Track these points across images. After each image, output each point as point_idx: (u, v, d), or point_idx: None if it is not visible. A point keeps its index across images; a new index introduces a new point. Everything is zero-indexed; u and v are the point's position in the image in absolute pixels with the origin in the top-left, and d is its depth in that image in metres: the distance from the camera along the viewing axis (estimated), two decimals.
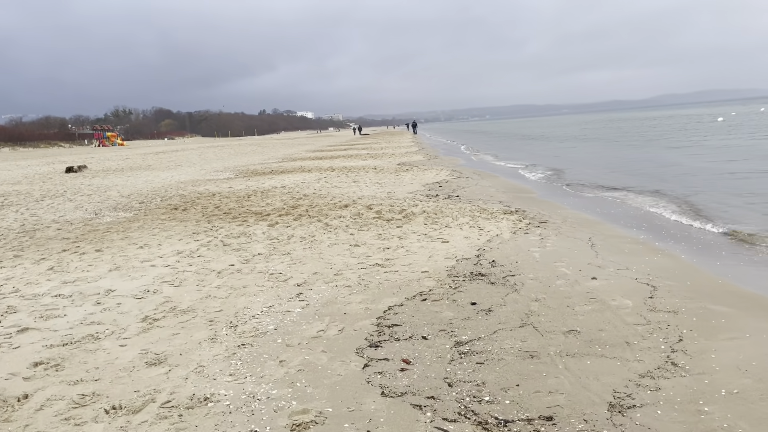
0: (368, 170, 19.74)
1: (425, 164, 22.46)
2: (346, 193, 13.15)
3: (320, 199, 12.12)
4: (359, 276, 6.16)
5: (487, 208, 10.16)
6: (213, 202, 12.36)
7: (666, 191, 12.62)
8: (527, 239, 7.66)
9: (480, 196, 12.40)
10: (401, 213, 9.78)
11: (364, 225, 8.85)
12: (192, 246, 7.78)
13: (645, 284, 5.55)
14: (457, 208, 10.27)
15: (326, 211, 10.28)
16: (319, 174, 18.94)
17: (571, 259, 6.54)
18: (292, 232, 8.53)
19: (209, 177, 20.61)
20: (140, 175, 23.32)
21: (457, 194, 12.80)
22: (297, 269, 6.49)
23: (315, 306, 5.24)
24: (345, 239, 7.96)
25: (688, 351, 4.01)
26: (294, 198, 12.34)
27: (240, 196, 13.39)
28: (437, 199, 11.95)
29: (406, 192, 13.49)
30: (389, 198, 12.16)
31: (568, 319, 4.70)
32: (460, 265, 6.47)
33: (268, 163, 27.41)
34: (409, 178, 16.59)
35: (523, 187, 14.58)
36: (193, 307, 5.26)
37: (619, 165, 19.62)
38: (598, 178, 15.92)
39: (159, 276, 6.33)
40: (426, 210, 10.03)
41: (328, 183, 15.78)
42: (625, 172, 17.12)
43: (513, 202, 11.36)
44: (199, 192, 14.90)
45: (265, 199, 12.36)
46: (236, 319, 4.94)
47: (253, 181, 17.30)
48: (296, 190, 14.13)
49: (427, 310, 5.09)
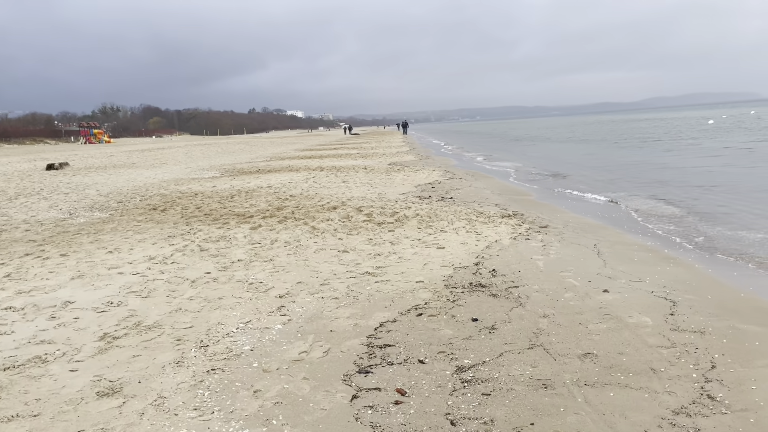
0: (358, 170, 19.16)
1: (417, 164, 21.93)
2: (335, 194, 12.58)
3: (307, 200, 11.52)
4: (348, 286, 5.61)
5: (483, 212, 9.63)
6: (194, 203, 11.73)
7: (667, 194, 12.17)
8: (529, 246, 7.13)
9: (475, 198, 11.88)
10: (393, 216, 9.21)
11: (354, 229, 8.27)
12: (166, 251, 7.16)
13: (663, 298, 5.04)
14: (452, 211, 9.73)
15: (313, 213, 9.67)
16: (307, 174, 18.33)
17: (578, 269, 6.03)
18: (275, 236, 7.93)
19: (194, 176, 19.94)
20: (123, 173, 22.58)
21: (450, 196, 12.28)
22: (279, 278, 5.92)
23: (298, 322, 4.68)
24: (333, 244, 7.40)
25: (724, 381, 3.49)
26: (280, 199, 11.73)
27: (223, 196, 12.76)
28: (430, 201, 11.42)
29: (398, 193, 12.94)
30: (380, 199, 11.61)
31: (583, 340, 4.18)
32: (458, 275, 5.93)
33: (255, 162, 26.74)
34: (401, 179, 16.04)
35: (519, 189, 14.09)
36: (161, 323, 4.68)
37: (615, 167, 19.21)
38: (595, 181, 15.47)
39: (126, 285, 5.73)
40: (419, 213, 9.46)
41: (317, 183, 15.19)
42: (622, 175, 16.69)
43: (510, 205, 10.85)
44: (181, 191, 14.26)
45: (250, 200, 11.73)
46: (208, 337, 4.36)
47: (239, 181, 16.67)
48: (282, 190, 13.52)
49: (424, 327, 4.56)
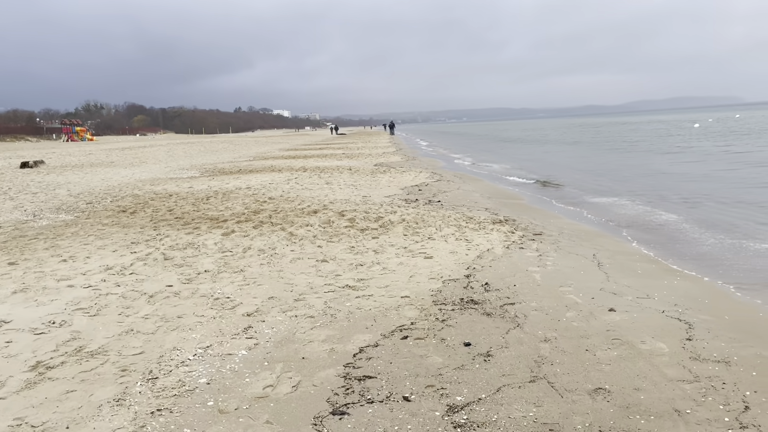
0: (343, 171, 18.56)
1: (403, 165, 21.38)
2: (317, 197, 11.98)
3: (287, 203, 10.89)
4: (325, 302, 5.03)
5: (473, 217, 9.09)
6: (167, 205, 11.05)
7: (662, 200, 11.73)
8: (523, 255, 6.60)
9: (464, 202, 11.35)
10: (378, 221, 8.62)
11: (335, 235, 7.67)
12: (126, 260, 6.49)
13: (676, 319, 4.52)
14: (440, 216, 9.17)
15: (292, 217, 9.02)
16: (289, 174, 17.69)
17: (579, 283, 5.50)
18: (249, 242, 7.30)
19: (172, 175, 19.22)
20: (99, 172, 21.77)
21: (438, 199, 11.74)
22: (250, 292, 5.31)
23: (266, 346, 4.09)
24: (311, 253, 6.80)
25: (763, 427, 2.96)
26: (258, 201, 11.08)
27: (198, 198, 12.09)
28: (417, 204, 10.86)
29: (383, 196, 12.38)
30: (364, 203, 11.03)
31: (592, 371, 3.64)
32: (448, 289, 5.38)
33: (237, 162, 26.03)
34: (387, 181, 15.47)
35: (509, 192, 13.59)
36: (106, 348, 4.06)
37: (605, 170, 18.81)
38: (586, 184, 15.03)
39: (74, 301, 5.08)
40: (406, 218, 8.88)
41: (299, 184, 14.57)
42: (615, 178, 16.28)
43: (500, 210, 10.33)
44: (155, 192, 13.57)
45: (226, 202, 11.07)
46: (159, 366, 3.76)
47: (217, 181, 15.99)
48: (262, 192, 12.88)
49: (409, 352, 3.99)
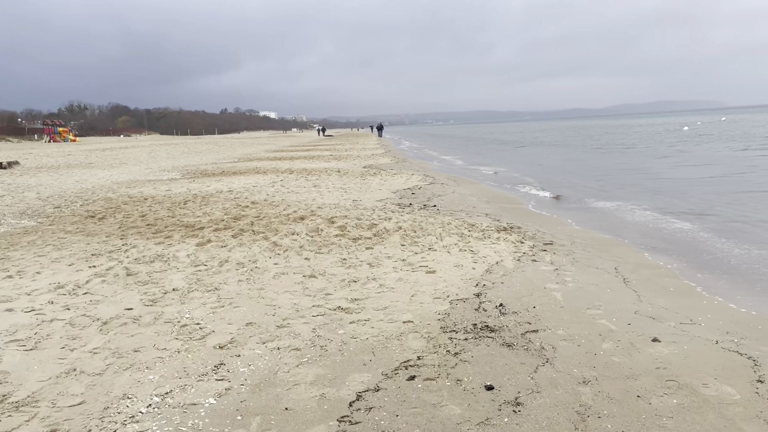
0: (331, 173, 17.74)
1: (393, 168, 20.60)
2: (304, 201, 11.15)
3: (271, 207, 10.04)
4: (313, 329, 4.23)
5: (476, 224, 8.33)
6: (140, 209, 10.16)
7: (670, 205, 11.06)
8: (537, 270, 5.84)
9: (461, 207, 10.60)
10: (371, 229, 7.79)
11: (324, 246, 6.83)
12: (82, 276, 5.62)
13: (734, 352, 3.79)
14: (439, 222, 8.39)
15: (276, 224, 8.15)
16: (274, 177, 16.82)
17: (608, 304, 4.75)
18: (227, 254, 6.45)
19: (151, 177, 18.27)
20: (75, 173, 20.75)
21: (434, 204, 10.97)
22: (224, 316, 4.50)
23: (240, 391, 3.29)
24: (297, 266, 5.98)
25: None
26: (239, 206, 10.20)
27: (176, 201, 11.20)
28: (412, 209, 10.09)
29: (375, 200, 11.59)
30: (355, 207, 10.22)
31: (652, 428, 2.88)
32: (457, 311, 4.60)
33: (221, 163, 25.08)
34: (377, 183, 14.69)
35: (508, 196, 12.85)
36: (38, 396, 3.22)
37: (604, 173, 18.17)
38: (587, 187, 14.36)
39: (10, 330, 4.21)
40: (402, 225, 8.06)
41: (284, 187, 13.73)
42: (614, 182, 15.63)
43: (502, 216, 9.58)
44: (130, 195, 12.66)
45: (204, 207, 10.18)
46: (100, 424, 2.93)
47: (198, 184, 15.08)
48: (244, 195, 12.01)
49: (419, 399, 3.21)
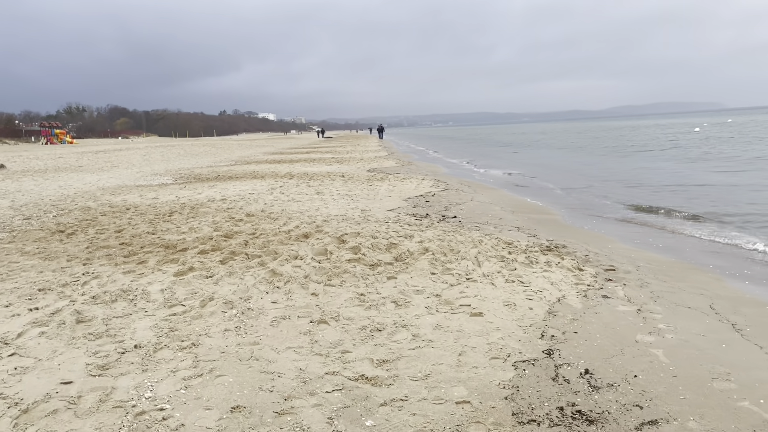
0: (334, 178, 16.39)
1: (400, 171, 19.27)
2: (307, 211, 9.81)
3: (269, 221, 8.67)
4: (329, 419, 2.90)
5: (512, 242, 6.98)
6: (118, 223, 8.80)
7: (725, 214, 9.73)
8: (615, 311, 4.50)
9: (486, 218, 9.28)
10: (391, 250, 6.40)
11: (335, 275, 5.46)
12: (15, 324, 4.20)
13: None
14: (469, 240, 7.03)
15: (275, 244, 6.72)
16: (273, 182, 15.47)
17: (736, 369, 3.42)
18: (212, 289, 5.08)
19: (141, 182, 16.92)
20: (61, 177, 19.41)
21: (453, 215, 9.65)
22: (200, 394, 3.15)
23: None
24: (303, 306, 4.63)
25: None
26: (232, 219, 8.81)
27: (160, 213, 9.84)
28: (431, 222, 8.76)
29: (386, 209, 10.26)
30: (366, 220, 8.89)
31: None
32: (528, 382, 3.28)
33: (217, 167, 23.73)
34: (386, 190, 13.36)
35: (534, 205, 11.51)
36: None
37: (630, 178, 16.82)
38: (618, 194, 13.03)
39: None
40: (428, 246, 6.62)
41: (284, 195, 12.38)
42: (643, 187, 14.31)
43: (536, 229, 8.26)
44: (111, 204, 11.30)
45: (192, 220, 8.78)
46: None
47: (189, 190, 13.72)
48: (239, 205, 10.65)
49: None
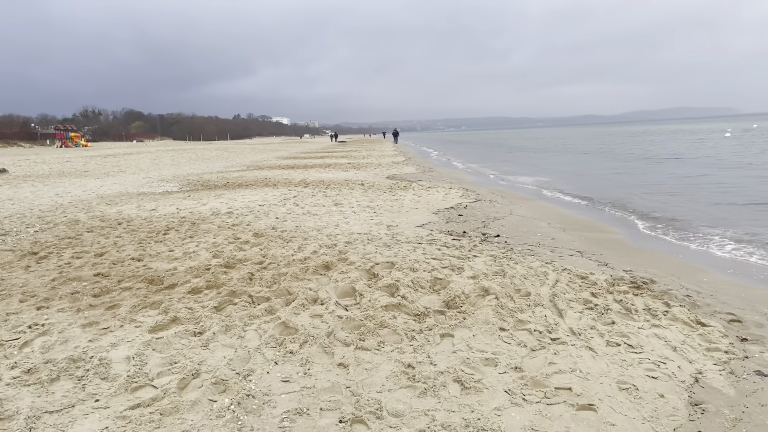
0: (353, 186, 15.02)
1: (422, 179, 17.88)
2: (325, 228, 8.44)
3: (281, 244, 7.26)
4: None
5: (586, 276, 5.52)
6: (103, 243, 7.46)
7: None
8: None
9: (536, 237, 7.85)
10: (436, 288, 4.94)
11: (370, 330, 3.98)
12: None
13: None
14: (533, 273, 5.56)
15: (288, 279, 5.26)
16: (286, 191, 14.13)
17: None
18: (200, 355, 3.62)
19: (144, 189, 15.68)
20: (62, 183, 18.26)
21: (495, 232, 8.24)
22: None
23: None
24: (326, 387, 3.22)
25: None
26: (236, 240, 7.37)
27: (156, 229, 8.50)
28: (471, 241, 7.35)
29: (415, 225, 8.88)
30: (394, 239, 7.49)
31: None
32: None
33: (227, 172, 22.49)
34: (411, 200, 11.96)
35: (584, 221, 10.04)
36: None
37: (670, 187, 15.26)
38: (666, 207, 11.50)
39: None
40: (485, 283, 5.02)
41: (298, 206, 11.02)
42: (692, 198, 12.77)
43: (603, 254, 6.82)
44: (103, 217, 10.01)
45: (188, 242, 7.37)
46: None
47: (193, 200, 12.41)
48: (246, 220, 9.28)
49: None
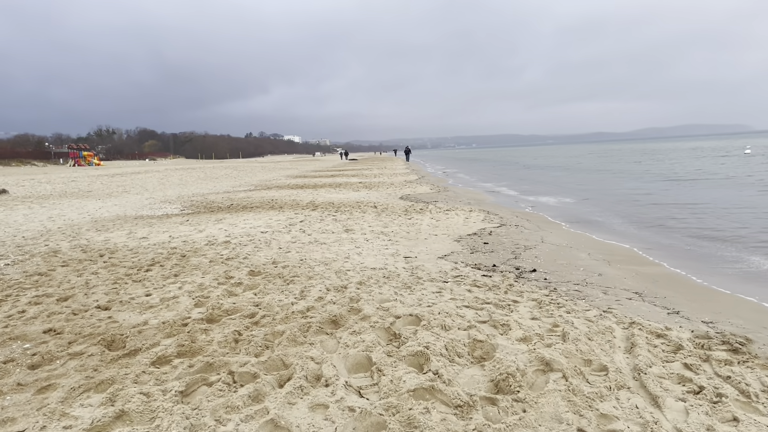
0: (365, 209, 13.95)
1: (437, 199, 16.80)
2: (334, 261, 7.36)
3: (280, 286, 6.15)
4: None
5: (662, 332, 4.35)
6: (74, 281, 6.40)
7: None
8: None
9: (579, 273, 6.71)
10: (476, 354, 3.76)
11: None
12: None
13: None
14: (597, 331, 4.41)
15: (284, 344, 4.04)
16: (293, 214, 13.08)
17: None
18: None
19: (144, 212, 14.72)
20: (60, 205, 17.40)
21: (531, 267, 7.12)
22: None
23: None
24: None
25: None
26: (228, 281, 6.24)
27: (139, 263, 7.43)
28: (505, 279, 6.24)
29: (436, 256, 7.79)
30: (415, 277, 6.39)
31: None
32: None
33: (234, 192, 21.56)
34: (429, 225, 10.87)
35: (629, 252, 8.83)
36: None
37: (708, 210, 14.02)
38: (719, 235, 10.28)
39: None
40: (544, 353, 3.81)
41: (305, 233, 9.95)
42: (752, 225, 11.53)
43: (666, 296, 5.66)
44: (87, 247, 9.00)
45: (171, 282, 6.27)
46: None
47: (191, 226, 11.38)
48: (244, 252, 8.21)
49: None
